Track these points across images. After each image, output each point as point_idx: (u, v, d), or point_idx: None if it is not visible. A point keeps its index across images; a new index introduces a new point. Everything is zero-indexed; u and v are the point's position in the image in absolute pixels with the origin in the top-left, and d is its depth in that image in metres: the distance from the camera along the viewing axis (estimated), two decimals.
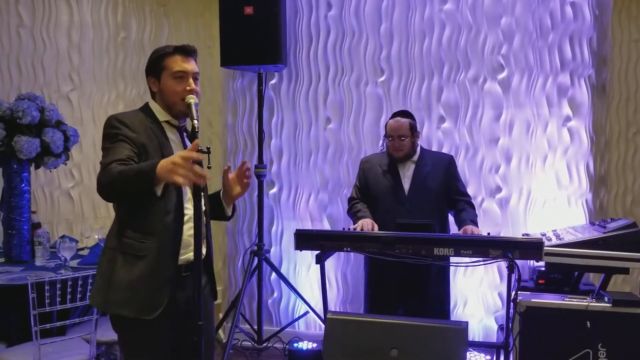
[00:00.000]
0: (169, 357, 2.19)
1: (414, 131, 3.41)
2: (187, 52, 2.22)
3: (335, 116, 4.29)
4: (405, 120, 3.40)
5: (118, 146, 2.05)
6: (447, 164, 3.45)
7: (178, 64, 2.18)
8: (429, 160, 3.43)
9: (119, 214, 2.22)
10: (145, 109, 2.24)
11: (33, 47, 4.59)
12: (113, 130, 2.09)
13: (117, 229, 2.18)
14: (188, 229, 2.15)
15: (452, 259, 3.11)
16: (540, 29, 3.90)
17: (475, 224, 3.24)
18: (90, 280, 2.91)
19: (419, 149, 3.46)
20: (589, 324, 2.88)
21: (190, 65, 2.21)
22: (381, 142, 3.58)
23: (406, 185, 3.37)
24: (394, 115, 3.49)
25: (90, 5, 4.76)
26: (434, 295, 3.36)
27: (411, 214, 3.27)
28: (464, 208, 3.36)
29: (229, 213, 2.39)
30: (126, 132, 2.08)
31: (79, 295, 2.89)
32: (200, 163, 1.86)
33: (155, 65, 2.21)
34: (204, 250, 2.24)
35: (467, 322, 2.31)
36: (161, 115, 2.22)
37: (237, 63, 4.11)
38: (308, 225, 4.35)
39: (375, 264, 3.31)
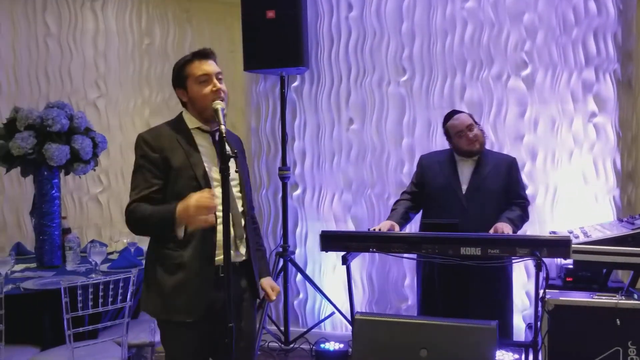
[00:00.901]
0: (208, 358, 2.27)
1: (475, 121, 3.34)
2: (205, 55, 2.28)
3: (357, 117, 4.30)
4: (463, 113, 3.35)
5: (139, 177, 2.23)
6: (509, 165, 3.35)
7: (199, 68, 2.24)
8: (491, 161, 3.33)
9: None
10: (178, 118, 2.34)
11: (60, 56, 4.69)
12: (138, 153, 2.25)
13: (154, 240, 2.29)
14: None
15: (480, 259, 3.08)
16: (564, 25, 3.86)
17: (512, 221, 3.14)
18: (121, 284, 2.96)
19: None
20: (618, 322, 2.84)
21: (211, 67, 2.26)
22: (450, 145, 3.40)
23: (464, 184, 3.29)
24: (448, 115, 3.39)
25: (115, 12, 4.85)
26: (492, 296, 3.26)
27: (468, 213, 3.21)
28: (509, 208, 3.26)
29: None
30: (148, 154, 2.22)
31: (110, 299, 2.94)
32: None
33: (179, 76, 2.29)
34: (242, 252, 2.30)
35: (497, 322, 2.30)
36: (191, 122, 2.30)
37: (260, 67, 4.15)
38: (332, 226, 4.37)
39: (426, 267, 3.30)
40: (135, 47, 4.93)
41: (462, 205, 3.26)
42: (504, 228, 3.02)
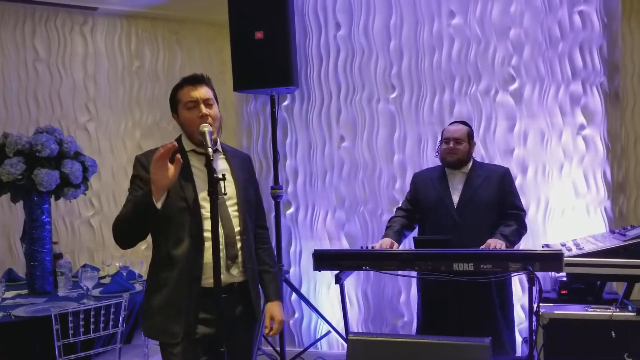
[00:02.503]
0: None
1: (470, 139, 3.37)
2: (195, 80, 2.30)
3: (348, 134, 4.32)
4: (463, 126, 3.39)
5: (130, 196, 2.27)
6: (502, 176, 3.35)
7: (187, 94, 2.28)
8: (482, 173, 3.34)
9: (153, 245, 2.34)
10: (177, 140, 2.36)
11: (50, 80, 4.71)
12: (134, 173, 2.31)
13: (151, 260, 2.34)
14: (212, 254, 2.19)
15: (473, 274, 3.07)
16: (550, 39, 3.90)
17: (507, 237, 3.13)
18: (112, 309, 2.94)
19: (472, 161, 3.41)
20: (613, 334, 2.84)
21: (200, 93, 2.28)
22: (437, 147, 3.49)
23: (455, 197, 3.30)
24: (452, 123, 3.50)
25: (104, 36, 4.87)
26: (490, 313, 3.26)
27: (460, 227, 3.21)
28: (505, 221, 3.26)
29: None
30: (141, 174, 2.26)
31: (102, 325, 2.92)
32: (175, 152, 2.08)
33: (172, 101, 2.35)
34: (235, 273, 2.29)
35: (490, 339, 2.29)
36: (187, 145, 2.34)
37: (250, 87, 4.16)
38: (326, 244, 4.36)
39: (426, 285, 3.30)
40: (125, 70, 4.95)
41: (454, 219, 3.26)
42: (496, 244, 3.01)
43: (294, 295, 4.40)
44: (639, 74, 5.01)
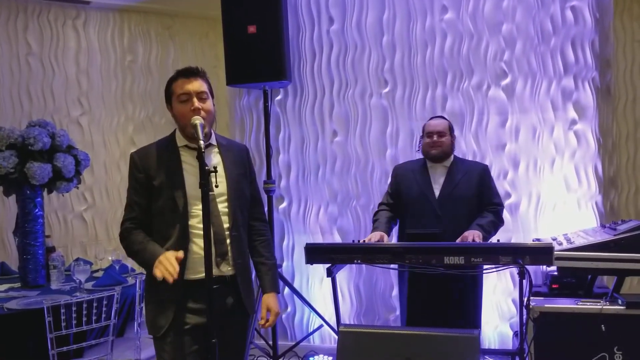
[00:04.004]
0: None
1: (452, 132, 3.44)
2: (189, 73, 2.30)
3: (341, 129, 4.33)
4: (444, 120, 3.46)
5: (129, 196, 2.34)
6: (481, 172, 3.41)
7: (181, 86, 2.27)
8: (462, 168, 3.40)
9: None
10: (170, 136, 2.38)
11: (42, 74, 4.70)
12: (129, 172, 2.34)
13: None
14: (198, 249, 2.20)
15: (463, 268, 3.09)
16: (542, 34, 3.91)
17: (483, 227, 3.18)
18: (105, 302, 2.95)
19: (453, 156, 3.45)
20: (603, 328, 2.86)
21: (193, 86, 2.27)
22: (418, 142, 3.55)
23: (437, 190, 3.35)
24: (432, 118, 3.55)
25: (97, 30, 4.86)
26: (466, 305, 3.31)
27: (441, 220, 3.26)
28: (482, 214, 3.31)
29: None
30: (134, 174, 2.31)
31: (94, 317, 2.92)
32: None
33: (167, 93, 2.35)
34: (224, 270, 2.29)
35: (479, 330, 2.31)
36: (180, 140, 2.34)
37: (243, 81, 4.17)
38: (319, 239, 4.37)
39: (405, 278, 3.32)
40: (118, 64, 4.94)
41: (435, 212, 3.30)
42: (473, 235, 3.05)
43: (286, 290, 4.41)
44: (631, 69, 5.04)
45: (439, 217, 3.28)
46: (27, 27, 4.66)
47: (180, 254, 2.13)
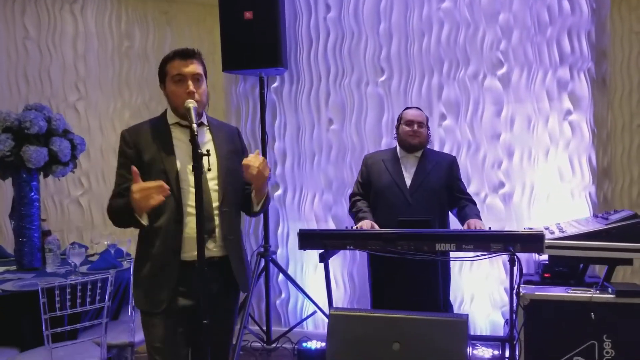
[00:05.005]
0: (185, 350, 2.30)
1: (427, 125, 3.51)
2: (186, 54, 2.30)
3: (337, 117, 4.34)
4: (422, 112, 3.52)
5: (118, 173, 2.33)
6: (450, 164, 3.50)
7: (176, 67, 2.28)
8: (432, 158, 3.47)
9: None
10: (162, 114, 2.40)
11: (39, 59, 4.69)
12: (119, 149, 2.34)
13: (138, 231, 2.35)
14: (189, 229, 2.22)
15: (455, 254, 3.11)
16: (539, 24, 3.92)
17: (479, 218, 3.27)
18: (99, 285, 2.97)
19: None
20: (593, 316, 2.89)
21: (189, 68, 2.28)
22: (394, 130, 3.59)
23: (408, 180, 3.40)
24: (409, 107, 3.59)
25: (95, 15, 4.84)
26: (436, 290, 3.35)
27: (412, 208, 3.31)
28: (467, 205, 3.40)
29: (256, 209, 2.46)
30: (124, 150, 2.32)
31: (88, 300, 2.94)
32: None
33: (160, 72, 2.36)
34: (211, 247, 2.29)
35: (467, 315, 2.34)
36: (171, 118, 2.35)
37: (239, 67, 4.17)
38: (314, 226, 4.39)
39: (378, 262, 3.33)
40: (115, 50, 4.93)
41: (407, 201, 3.35)
42: (477, 224, 3.12)
43: (281, 276, 4.44)
44: (629, 61, 5.03)
45: (410, 205, 3.33)
46: (25, 11, 4.64)
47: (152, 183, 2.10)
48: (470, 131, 4.05)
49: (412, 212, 3.27)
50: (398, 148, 3.50)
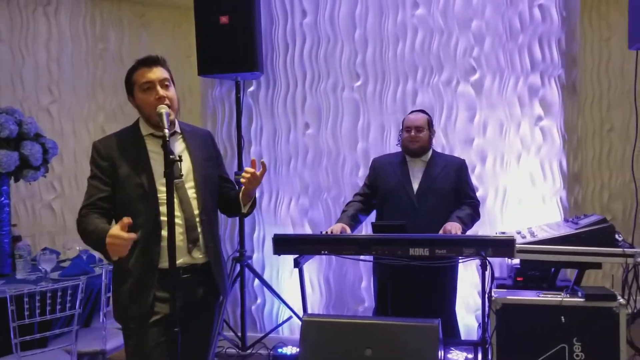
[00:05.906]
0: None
1: (430, 127, 3.49)
2: (149, 62, 2.29)
3: (313, 121, 4.34)
4: (423, 115, 3.50)
5: (90, 184, 2.28)
6: (459, 167, 3.48)
7: (143, 75, 2.26)
8: (441, 162, 3.46)
9: None
10: (134, 125, 2.36)
11: (12, 61, 4.63)
12: (90, 161, 2.30)
13: None
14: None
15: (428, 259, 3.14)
16: (510, 31, 3.98)
17: (462, 220, 3.25)
18: (69, 292, 2.93)
19: (431, 150, 3.51)
20: (563, 319, 2.93)
21: (155, 74, 2.26)
22: (398, 136, 3.59)
23: (415, 184, 3.40)
24: (412, 112, 3.59)
25: (69, 17, 4.80)
26: (440, 295, 3.38)
27: (419, 213, 3.31)
28: (460, 207, 3.38)
29: (244, 210, 2.46)
30: (97, 162, 2.27)
31: (58, 307, 2.91)
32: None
33: (127, 84, 2.33)
34: (197, 256, 2.29)
35: (439, 320, 2.36)
36: (145, 129, 2.33)
37: (215, 72, 4.16)
38: (290, 231, 4.39)
39: (382, 268, 3.35)
40: (89, 52, 4.89)
41: (413, 205, 3.35)
42: (453, 228, 3.11)
43: (256, 281, 4.43)
44: (598, 68, 5.13)
45: (417, 209, 3.33)
46: None
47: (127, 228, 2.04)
48: (444, 136, 4.09)
49: (419, 217, 3.27)
50: None
